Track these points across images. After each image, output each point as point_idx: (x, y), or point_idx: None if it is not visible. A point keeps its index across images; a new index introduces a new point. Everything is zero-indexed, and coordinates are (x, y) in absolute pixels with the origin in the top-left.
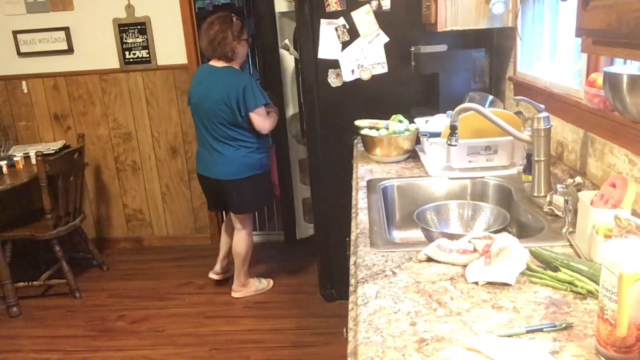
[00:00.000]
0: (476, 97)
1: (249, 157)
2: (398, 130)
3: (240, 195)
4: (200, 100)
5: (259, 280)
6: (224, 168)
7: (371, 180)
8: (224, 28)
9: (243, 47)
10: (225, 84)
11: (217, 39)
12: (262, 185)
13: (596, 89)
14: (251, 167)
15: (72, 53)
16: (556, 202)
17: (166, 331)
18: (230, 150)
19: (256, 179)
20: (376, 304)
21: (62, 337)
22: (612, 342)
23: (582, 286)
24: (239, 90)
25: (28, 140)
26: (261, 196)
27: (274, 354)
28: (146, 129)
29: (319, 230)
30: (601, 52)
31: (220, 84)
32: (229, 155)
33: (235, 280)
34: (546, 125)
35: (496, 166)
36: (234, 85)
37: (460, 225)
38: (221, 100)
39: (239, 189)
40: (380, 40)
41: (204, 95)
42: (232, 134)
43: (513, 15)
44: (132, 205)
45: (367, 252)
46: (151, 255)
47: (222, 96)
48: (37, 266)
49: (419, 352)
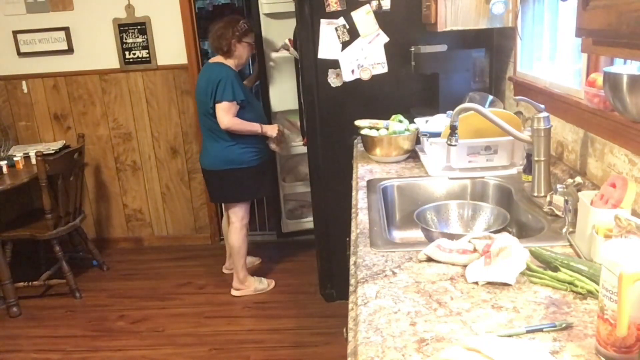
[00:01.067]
0: (476, 97)
1: (228, 150)
2: (398, 130)
3: (217, 185)
4: (196, 94)
5: (260, 280)
6: (206, 158)
7: (371, 180)
8: (227, 25)
9: (243, 49)
10: (208, 76)
11: (218, 33)
12: (242, 180)
13: (596, 89)
14: (229, 161)
15: (72, 53)
16: (556, 202)
17: (166, 331)
18: (211, 142)
19: (236, 173)
20: (376, 304)
21: (62, 337)
22: (612, 342)
23: (582, 286)
24: (215, 82)
25: (28, 140)
26: (239, 190)
27: (274, 354)
28: (146, 129)
29: (319, 230)
30: (601, 52)
31: (205, 77)
32: (210, 146)
33: (234, 276)
34: (546, 125)
35: (496, 166)
36: (212, 78)
37: (460, 225)
38: (203, 91)
39: (216, 179)
40: (380, 40)
41: (197, 87)
42: (213, 126)
43: (513, 15)
44: (132, 205)
45: (367, 252)
46: (151, 255)
47: (204, 88)
48: (37, 266)
49: (419, 352)
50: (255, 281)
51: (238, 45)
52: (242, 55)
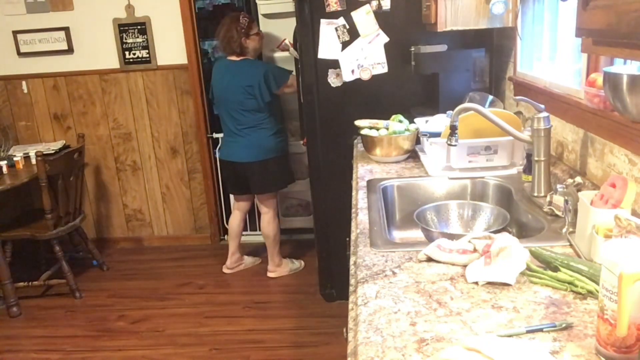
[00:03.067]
0: (476, 97)
1: (269, 140)
2: (398, 130)
3: (261, 175)
4: (223, 92)
5: (292, 261)
6: (247, 151)
7: (371, 180)
8: (230, 27)
9: (253, 42)
10: (246, 74)
11: (226, 37)
12: (280, 167)
13: (596, 89)
14: (270, 150)
15: (72, 53)
16: (556, 202)
17: (166, 331)
18: (251, 135)
19: (275, 161)
20: (376, 304)
21: (62, 337)
22: (612, 342)
23: (582, 286)
24: (260, 78)
25: (28, 140)
26: (280, 178)
27: (274, 354)
28: (146, 129)
29: (319, 230)
30: (601, 52)
31: (241, 75)
32: (250, 139)
33: (270, 261)
34: (546, 125)
35: (496, 166)
36: (254, 74)
37: (460, 225)
38: (243, 89)
39: (260, 170)
40: (380, 40)
41: (225, 87)
42: (252, 120)
43: (513, 15)
44: (132, 205)
45: (367, 252)
46: (151, 255)
47: (243, 85)
48: (37, 266)
49: (419, 352)
50: (288, 262)
51: (248, 41)
52: (255, 47)
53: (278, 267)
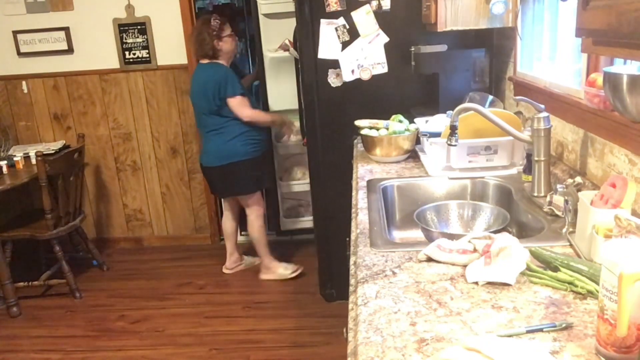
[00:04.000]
0: (476, 97)
1: (228, 144)
2: (398, 130)
3: (221, 179)
4: (192, 96)
5: (285, 267)
6: (206, 156)
7: (371, 180)
8: (201, 30)
9: (227, 44)
10: (204, 77)
11: (198, 40)
12: (244, 171)
13: (596, 89)
14: (231, 155)
15: (72, 53)
16: (556, 202)
17: (166, 331)
18: (212, 139)
19: (238, 165)
20: (376, 304)
21: (62, 337)
22: (612, 342)
23: (582, 286)
24: (217, 82)
25: (28, 140)
26: (245, 182)
27: (273, 354)
28: (146, 129)
29: (319, 230)
30: (601, 52)
31: (201, 78)
32: (211, 144)
33: (261, 262)
34: (546, 125)
35: (496, 166)
36: (210, 78)
37: (460, 225)
38: (201, 92)
39: (219, 174)
40: (380, 40)
41: (195, 91)
42: (214, 124)
43: (513, 15)
44: (132, 205)
45: (367, 252)
46: (151, 255)
47: (201, 88)
48: (37, 266)
49: (419, 352)
50: (280, 267)
51: (221, 44)
52: (228, 50)
53: (267, 269)
